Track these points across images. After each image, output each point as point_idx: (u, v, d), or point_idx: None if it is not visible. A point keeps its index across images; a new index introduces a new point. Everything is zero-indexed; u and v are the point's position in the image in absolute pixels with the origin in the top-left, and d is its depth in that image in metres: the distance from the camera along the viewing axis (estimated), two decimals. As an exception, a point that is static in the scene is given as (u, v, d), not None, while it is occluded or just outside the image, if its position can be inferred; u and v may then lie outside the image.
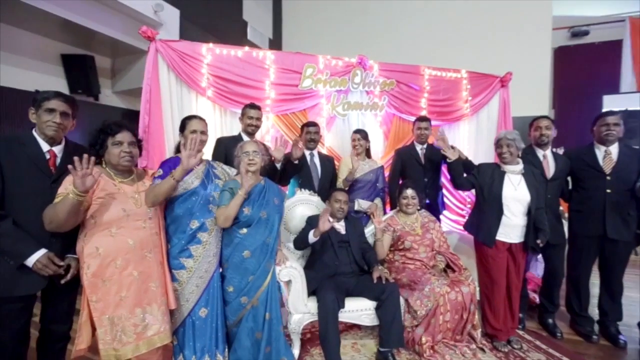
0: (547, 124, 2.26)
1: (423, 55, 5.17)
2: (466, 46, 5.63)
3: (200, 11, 5.83)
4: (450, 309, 1.95)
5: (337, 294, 1.90)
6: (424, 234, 2.30)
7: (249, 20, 7.32)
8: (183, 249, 1.62)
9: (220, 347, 1.70)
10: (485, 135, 3.30)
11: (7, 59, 4.16)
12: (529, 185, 2.06)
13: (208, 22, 5.92)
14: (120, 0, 4.22)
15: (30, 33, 4.39)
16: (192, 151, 1.49)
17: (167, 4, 5.01)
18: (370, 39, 6.82)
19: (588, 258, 2.23)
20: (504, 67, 3.30)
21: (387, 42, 6.41)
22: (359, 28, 7.00)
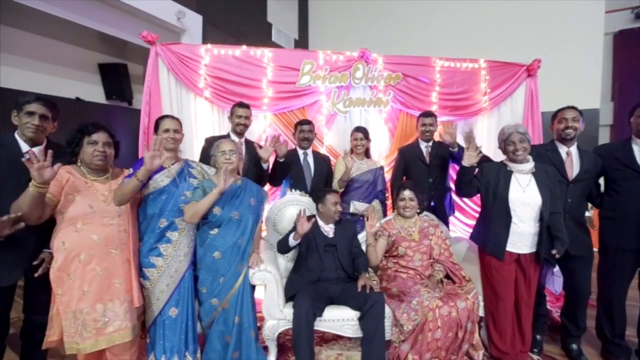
0: (573, 115, 1.92)
1: (454, 47, 4.84)
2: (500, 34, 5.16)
3: (223, 16, 6.02)
4: (441, 325, 1.73)
5: (316, 302, 1.78)
6: (421, 240, 2.09)
7: (273, 22, 7.42)
8: (152, 247, 1.62)
9: (190, 348, 1.68)
10: (508, 131, 2.94)
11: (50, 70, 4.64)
12: (540, 186, 1.77)
13: (231, 26, 6.10)
14: (145, 11, 4.49)
15: (72, 45, 4.83)
16: (156, 152, 1.48)
17: (190, 11, 5.24)
18: (397, 35, 6.58)
19: (622, 275, 1.85)
20: (545, 56, 2.92)
21: (415, 38, 6.14)
22: (386, 25, 6.79)
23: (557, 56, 4.66)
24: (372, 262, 2.10)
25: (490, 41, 5.06)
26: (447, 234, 2.48)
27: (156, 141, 1.50)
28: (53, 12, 3.67)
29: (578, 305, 1.96)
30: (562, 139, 1.94)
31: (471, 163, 1.86)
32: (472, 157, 1.86)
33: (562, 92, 4.55)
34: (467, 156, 1.86)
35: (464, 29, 5.60)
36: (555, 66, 4.72)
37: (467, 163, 1.86)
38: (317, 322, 1.81)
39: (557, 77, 4.69)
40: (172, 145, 1.71)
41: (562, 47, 4.78)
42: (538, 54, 2.95)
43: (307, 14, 8.51)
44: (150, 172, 1.50)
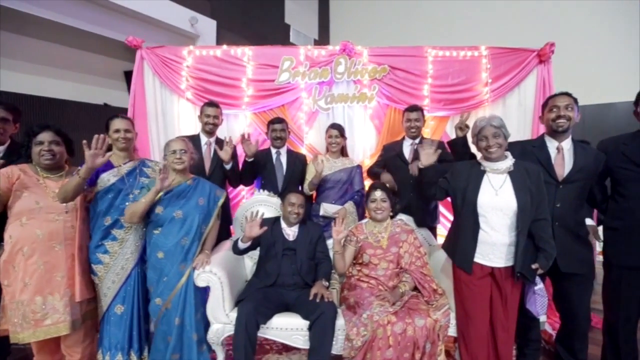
0: (567, 102, 1.61)
1: (483, 38, 4.44)
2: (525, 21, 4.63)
3: (238, 19, 6.15)
4: (393, 344, 1.54)
5: (261, 308, 1.69)
6: (389, 247, 1.90)
7: (291, 23, 7.44)
8: (98, 244, 1.66)
9: (135, 347, 1.69)
10: (514, 125, 2.59)
11: (80, 79, 5.07)
12: (516, 188, 1.49)
13: (247, 29, 6.21)
14: (161, 19, 4.73)
15: (100, 55, 5.25)
16: (97, 150, 1.50)
17: (203, 17, 5.43)
18: (423, 29, 6.28)
19: (629, 298, 1.51)
20: (568, 39, 2.55)
21: (439, 34, 5.79)
22: (411, 19, 6.49)
23: (582, 40, 4.07)
24: (338, 270, 1.95)
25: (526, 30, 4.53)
26: (430, 240, 2.25)
27: (98, 140, 1.51)
28: (77, 25, 4.01)
29: (574, 332, 1.64)
30: (553, 132, 1.63)
31: (428, 163, 1.63)
32: (430, 156, 1.64)
33: (589, 84, 3.95)
34: (424, 155, 1.64)
35: (494, 20, 5.15)
36: (580, 52, 4.14)
37: (423, 163, 1.64)
38: (264, 329, 1.72)
39: (583, 66, 4.11)
40: (123, 144, 1.74)
41: (588, 28, 4.12)
42: (562, 38, 2.56)
43: (328, 13, 8.43)
44: (91, 170, 1.52)
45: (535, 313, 1.54)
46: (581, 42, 4.19)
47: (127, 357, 1.67)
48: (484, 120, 1.56)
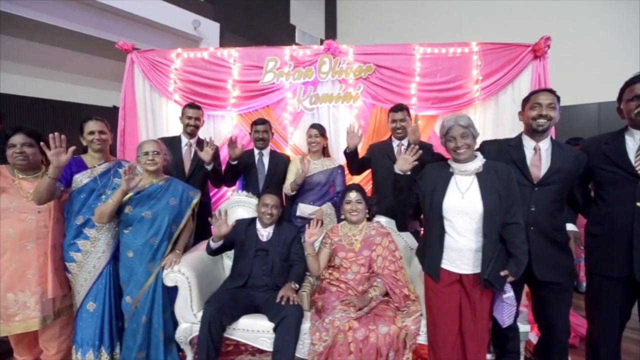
0: (550, 100, 1.50)
1: (491, 33, 4.32)
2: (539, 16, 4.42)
3: (242, 21, 6.21)
4: (354, 350, 1.49)
5: (227, 309, 1.69)
6: (361, 251, 1.85)
7: (296, 23, 7.45)
8: (71, 243, 1.71)
9: (106, 343, 1.73)
10: (508, 124, 2.49)
11: (91, 82, 5.28)
12: (484, 190, 1.41)
13: (252, 31, 6.27)
14: (164, 23, 4.85)
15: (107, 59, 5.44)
16: (59, 149, 1.53)
17: (207, 20, 5.52)
18: (431, 26, 6.15)
19: (610, 311, 1.39)
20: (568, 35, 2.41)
21: (448, 31, 5.65)
22: (419, 20, 6.37)
23: (582, 35, 3.83)
24: (312, 273, 1.92)
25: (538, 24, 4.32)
26: (412, 245, 2.18)
27: (55, 139, 1.53)
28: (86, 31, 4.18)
29: (552, 345, 1.54)
30: (533, 131, 1.53)
31: (405, 169, 1.57)
32: (407, 162, 1.57)
33: (589, 82, 3.73)
34: (402, 160, 1.58)
35: (504, 13, 4.95)
36: (579, 49, 3.92)
37: (400, 169, 1.58)
38: (231, 330, 1.72)
39: (583, 63, 3.88)
40: (98, 146, 1.78)
41: (587, 23, 3.88)
42: (563, 34, 2.41)
43: (335, 12, 8.38)
44: (59, 169, 1.56)
45: (502, 322, 1.45)
46: (581, 37, 3.98)
47: (98, 353, 1.71)
48: (451, 120, 1.49)
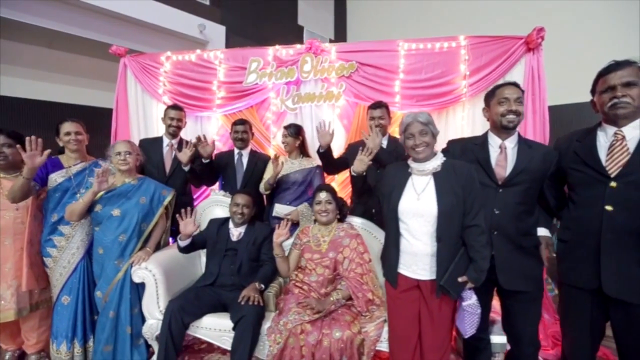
0: (517, 95, 1.41)
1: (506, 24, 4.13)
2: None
3: (249, 24, 6.30)
4: (307, 354, 1.45)
5: (190, 307, 1.71)
6: (327, 252, 1.81)
7: (304, 24, 7.46)
8: (47, 239, 1.79)
9: (79, 336, 1.80)
10: (499, 122, 2.34)
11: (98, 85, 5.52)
12: (440, 191, 1.34)
13: (258, 32, 6.33)
14: (170, 28, 5.01)
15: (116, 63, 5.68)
16: (34, 152, 1.61)
17: (213, 23, 5.64)
18: (443, 27, 5.98)
19: (578, 322, 1.27)
20: None
21: (459, 28, 5.43)
22: (430, 18, 6.20)
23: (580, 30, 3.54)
24: (282, 273, 1.91)
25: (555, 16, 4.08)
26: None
27: (31, 142, 1.62)
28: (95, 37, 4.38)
29: (519, 358, 1.43)
30: (502, 127, 1.43)
31: (360, 170, 1.51)
32: (363, 163, 1.51)
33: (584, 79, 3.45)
34: (357, 161, 1.53)
35: (518, 7, 4.71)
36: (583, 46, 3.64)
37: (354, 170, 1.52)
38: (195, 328, 1.74)
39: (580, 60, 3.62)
40: (75, 146, 1.86)
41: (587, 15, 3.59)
42: None
43: (345, 11, 8.30)
44: (33, 170, 1.64)
45: (463, 332, 1.36)
46: (583, 35, 3.71)
47: (71, 345, 1.78)
48: (410, 116, 1.42)
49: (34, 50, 4.43)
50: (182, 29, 5.17)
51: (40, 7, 3.90)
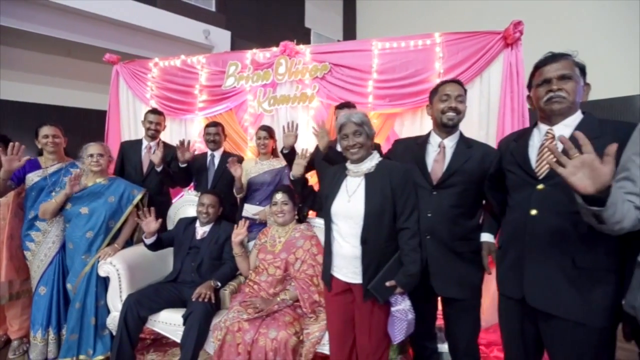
0: (458, 92, 1.35)
1: None
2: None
3: (254, 28, 6.44)
4: (242, 352, 1.48)
5: (147, 300, 1.79)
6: (279, 253, 1.82)
7: (312, 26, 7.51)
8: (26, 234, 1.95)
9: (53, 324, 1.94)
10: (475, 121, 2.27)
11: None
12: (368, 192, 1.31)
13: (264, 36, 6.46)
14: (177, 35, 5.24)
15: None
16: (13, 156, 1.76)
17: (218, 28, 5.82)
18: (454, 23, 5.82)
19: (514, 336, 1.18)
20: None
21: (472, 25, 5.26)
22: (441, 14, 6.05)
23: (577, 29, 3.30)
24: (242, 272, 1.96)
25: None
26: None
27: (13, 147, 1.77)
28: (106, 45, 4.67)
29: (457, 367, 1.37)
30: (442, 125, 1.38)
31: (298, 174, 1.51)
32: (300, 165, 1.51)
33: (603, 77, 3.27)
34: (295, 165, 1.53)
35: None
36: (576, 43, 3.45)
37: (293, 174, 1.53)
38: (153, 322, 1.82)
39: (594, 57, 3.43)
40: (52, 148, 2.01)
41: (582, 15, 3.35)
42: None
43: (355, 11, 8.25)
44: (9, 173, 1.79)
45: (392, 337, 1.32)
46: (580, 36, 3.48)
47: (45, 332, 1.92)
48: (344, 117, 1.40)
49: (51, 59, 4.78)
50: (188, 36, 5.38)
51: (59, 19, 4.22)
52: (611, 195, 0.78)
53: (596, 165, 0.79)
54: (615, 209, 0.80)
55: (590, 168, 0.79)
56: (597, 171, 0.78)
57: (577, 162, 0.81)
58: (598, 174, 0.78)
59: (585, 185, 0.80)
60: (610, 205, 0.78)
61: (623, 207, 0.82)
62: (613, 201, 0.78)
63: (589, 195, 0.80)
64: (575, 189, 0.82)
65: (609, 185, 0.79)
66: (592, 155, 0.80)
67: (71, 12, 4.25)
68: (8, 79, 4.55)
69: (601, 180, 0.78)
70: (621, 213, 0.81)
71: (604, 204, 0.79)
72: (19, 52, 4.66)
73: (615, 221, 0.82)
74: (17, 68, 4.68)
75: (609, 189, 0.79)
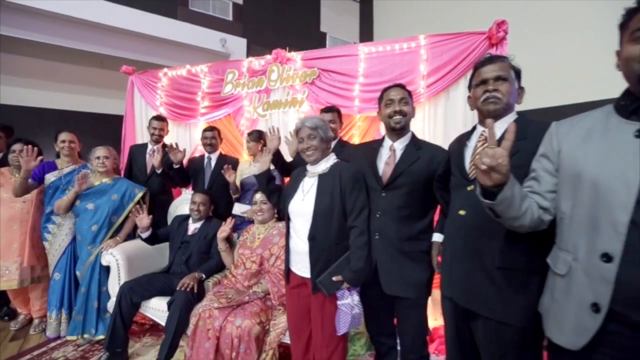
0: (401, 95, 1.41)
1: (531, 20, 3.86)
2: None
3: (269, 35, 6.67)
4: (212, 338, 1.61)
5: (139, 288, 1.98)
6: (256, 249, 1.95)
7: (327, 30, 7.62)
8: (44, 226, 2.24)
9: (65, 306, 2.21)
10: (460, 122, 2.26)
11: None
12: (319, 191, 1.40)
13: (279, 42, 6.63)
14: (194, 44, 5.58)
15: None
16: (29, 157, 2.05)
17: (234, 37, 6.11)
18: (471, 23, 5.68)
19: (450, 335, 1.21)
20: None
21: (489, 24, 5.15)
22: (457, 19, 5.94)
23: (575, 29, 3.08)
24: (227, 266, 2.12)
25: None
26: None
27: (27, 150, 2.06)
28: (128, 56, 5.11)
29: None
30: (390, 129, 1.44)
31: (262, 169, 1.63)
32: (265, 162, 1.63)
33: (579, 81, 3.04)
34: (261, 162, 1.65)
35: None
36: None
37: (258, 169, 1.65)
38: (145, 308, 2.02)
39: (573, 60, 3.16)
40: (67, 152, 2.29)
41: None
42: None
43: (372, 12, 8.24)
44: (28, 172, 2.08)
45: (337, 329, 1.38)
46: None
47: (59, 313, 2.20)
48: (300, 121, 1.50)
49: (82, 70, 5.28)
50: (205, 45, 5.71)
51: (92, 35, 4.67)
52: (504, 191, 0.80)
53: (500, 161, 0.80)
54: (509, 204, 0.82)
55: None
56: None
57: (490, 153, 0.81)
58: None
59: (485, 179, 0.83)
60: (502, 200, 0.81)
61: (522, 204, 0.84)
62: (506, 196, 0.80)
63: (488, 189, 0.83)
64: (479, 182, 0.85)
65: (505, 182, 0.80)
66: (499, 150, 0.80)
67: (103, 28, 4.72)
68: (35, 88, 5.14)
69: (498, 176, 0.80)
70: (518, 210, 0.83)
71: None
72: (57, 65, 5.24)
73: (511, 217, 0.84)
74: (52, 79, 5.27)
75: None
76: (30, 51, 4.85)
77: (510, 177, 0.80)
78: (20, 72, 5.01)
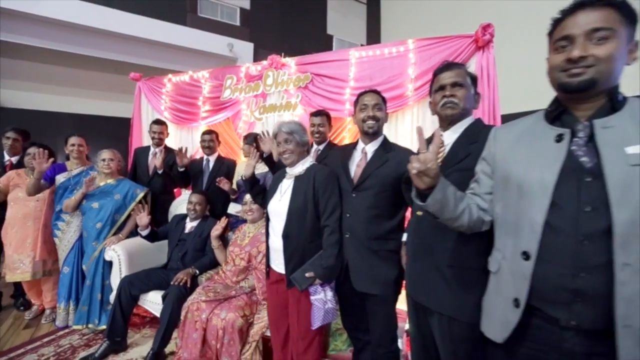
0: (375, 101, 1.48)
1: None
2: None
3: (276, 38, 6.81)
4: (199, 329, 1.72)
5: (138, 282, 2.12)
6: (245, 246, 2.05)
7: (334, 33, 7.69)
8: (54, 223, 2.42)
9: (72, 298, 2.39)
10: (447, 126, 2.27)
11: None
12: (294, 192, 1.48)
13: (286, 46, 6.79)
14: (205, 50, 5.78)
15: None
16: (40, 159, 2.23)
17: (241, 41, 6.28)
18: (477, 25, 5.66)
19: (413, 332, 1.26)
20: None
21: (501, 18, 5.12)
22: (464, 21, 5.90)
23: None
24: (220, 263, 2.23)
25: None
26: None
27: (39, 153, 2.24)
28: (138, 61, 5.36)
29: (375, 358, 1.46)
30: (364, 133, 1.51)
31: (247, 174, 1.72)
32: (250, 166, 1.73)
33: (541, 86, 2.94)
34: (245, 165, 1.75)
35: None
36: None
37: (243, 174, 1.74)
38: (143, 300, 2.16)
39: None
40: (76, 155, 2.47)
41: None
42: None
43: (379, 14, 8.26)
44: (41, 173, 2.27)
45: (312, 323, 1.46)
46: None
47: (67, 304, 2.37)
48: (276, 126, 1.59)
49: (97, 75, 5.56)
50: (214, 49, 5.90)
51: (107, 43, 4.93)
52: (433, 193, 0.86)
53: (429, 165, 0.86)
54: (442, 206, 0.87)
55: None
56: None
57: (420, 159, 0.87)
58: None
59: (419, 182, 0.89)
60: (433, 202, 0.86)
61: (458, 205, 0.89)
62: (436, 198, 0.86)
63: (422, 192, 0.89)
64: (414, 185, 0.91)
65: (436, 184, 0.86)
66: (428, 154, 0.86)
67: (118, 36, 4.98)
68: (53, 93, 5.46)
69: None
70: (453, 211, 0.89)
71: None
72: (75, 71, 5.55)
73: (448, 218, 0.90)
74: (69, 85, 5.58)
75: None
76: (50, 59, 5.16)
77: (440, 180, 0.85)
78: (39, 79, 5.36)
